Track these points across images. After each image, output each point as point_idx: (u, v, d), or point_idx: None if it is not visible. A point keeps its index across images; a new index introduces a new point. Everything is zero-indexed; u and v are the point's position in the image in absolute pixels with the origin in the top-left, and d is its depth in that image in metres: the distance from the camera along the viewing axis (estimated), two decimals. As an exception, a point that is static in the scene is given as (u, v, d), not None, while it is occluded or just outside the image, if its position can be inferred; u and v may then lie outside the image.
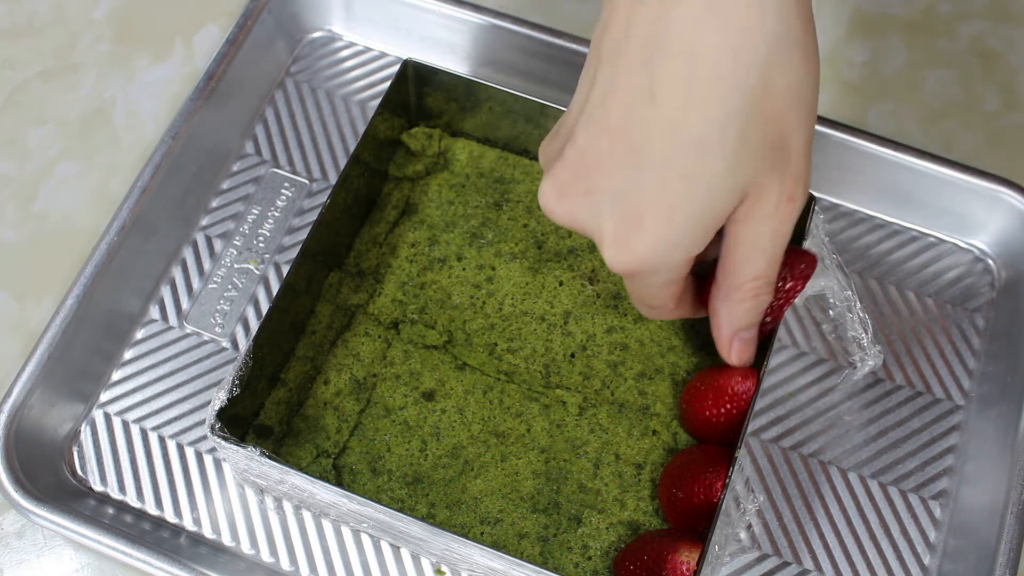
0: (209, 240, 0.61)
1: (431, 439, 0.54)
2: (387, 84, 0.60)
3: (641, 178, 0.39)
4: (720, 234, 0.43)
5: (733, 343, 0.46)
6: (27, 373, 0.54)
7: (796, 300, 0.59)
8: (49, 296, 0.60)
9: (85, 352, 0.56)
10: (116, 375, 0.57)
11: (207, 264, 0.60)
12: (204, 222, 0.61)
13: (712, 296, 0.46)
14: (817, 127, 0.61)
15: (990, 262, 0.61)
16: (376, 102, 0.64)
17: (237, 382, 0.50)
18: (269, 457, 0.48)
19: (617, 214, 0.40)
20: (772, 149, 0.39)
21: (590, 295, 0.58)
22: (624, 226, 0.40)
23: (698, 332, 0.57)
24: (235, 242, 0.61)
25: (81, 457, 0.55)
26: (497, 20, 0.64)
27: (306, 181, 0.63)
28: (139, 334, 0.58)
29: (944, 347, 0.59)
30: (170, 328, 0.59)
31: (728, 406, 0.51)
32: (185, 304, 0.59)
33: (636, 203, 0.39)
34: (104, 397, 0.57)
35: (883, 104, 0.67)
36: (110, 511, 0.54)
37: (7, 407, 0.53)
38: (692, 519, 0.50)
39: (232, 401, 0.49)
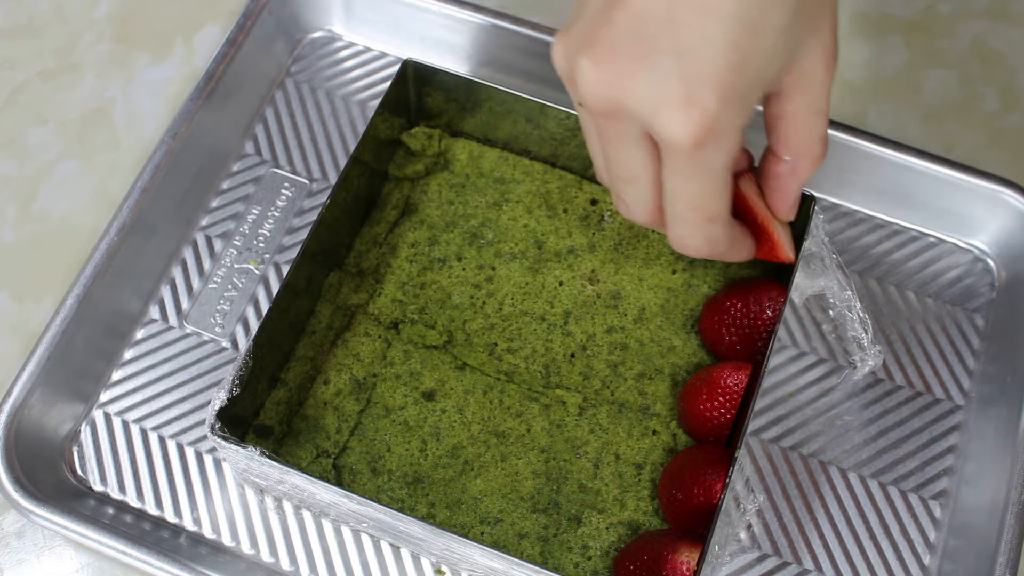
0: (209, 240, 0.61)
1: (431, 439, 0.54)
2: (387, 84, 0.60)
3: (710, 32, 0.38)
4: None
5: (797, 202, 0.48)
6: (27, 373, 0.54)
7: (796, 300, 0.59)
8: (49, 296, 0.60)
9: (85, 352, 0.56)
10: (116, 375, 0.57)
11: (207, 264, 0.60)
12: (204, 222, 0.61)
13: (775, 176, 0.46)
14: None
15: (990, 262, 0.61)
16: (376, 102, 0.64)
17: (237, 382, 0.50)
18: (269, 457, 0.48)
19: (685, 73, 0.39)
20: (818, 4, 0.40)
21: (590, 295, 0.58)
22: (695, 84, 0.39)
23: (698, 332, 0.57)
24: (235, 242, 0.61)
25: (81, 457, 0.55)
26: (497, 20, 0.64)
27: (306, 181, 0.63)
28: (139, 334, 0.58)
29: (944, 347, 0.59)
30: (170, 328, 0.59)
31: (722, 399, 0.51)
32: (185, 304, 0.59)
33: (706, 59, 0.39)
34: (104, 397, 0.57)
35: (883, 104, 0.67)
36: (110, 511, 0.54)
37: (7, 407, 0.53)
38: (692, 520, 0.50)
39: (232, 401, 0.49)
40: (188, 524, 0.54)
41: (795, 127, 0.44)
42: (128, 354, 0.58)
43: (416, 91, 0.60)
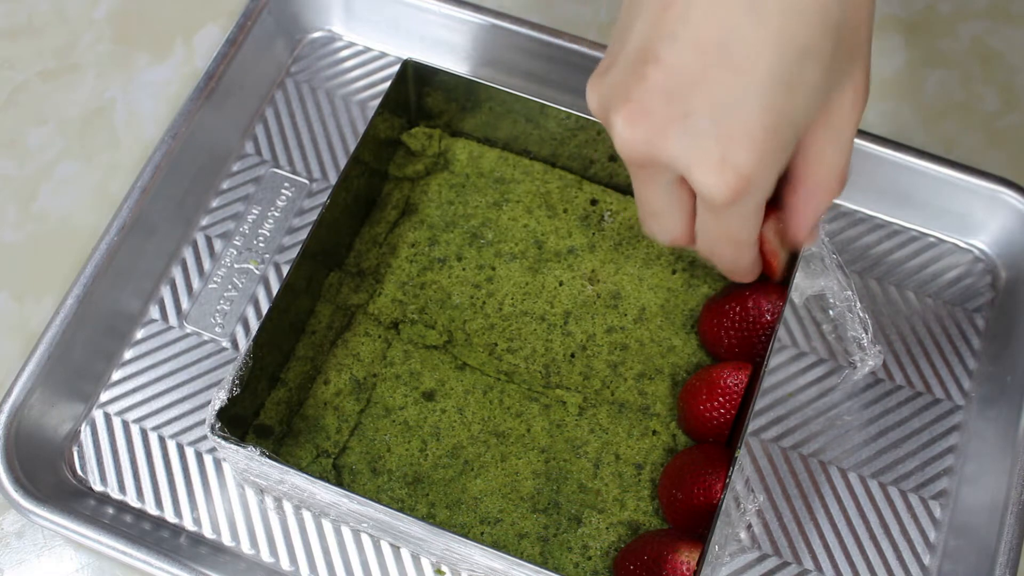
0: (209, 240, 0.61)
1: (431, 439, 0.54)
2: (387, 84, 0.60)
3: (747, 92, 0.38)
4: None
5: (812, 229, 0.47)
6: (27, 373, 0.54)
7: (796, 300, 0.59)
8: (49, 296, 0.60)
9: (85, 352, 0.56)
10: (116, 375, 0.57)
11: (207, 264, 0.60)
12: (204, 222, 0.61)
13: (791, 206, 0.46)
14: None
15: (990, 262, 0.61)
16: (376, 102, 0.64)
17: (237, 382, 0.50)
18: (269, 457, 0.48)
19: (721, 133, 0.38)
20: (852, 54, 0.40)
21: (590, 295, 0.58)
22: (730, 146, 0.39)
23: (697, 332, 0.57)
24: (235, 242, 0.61)
25: (81, 457, 0.55)
26: (497, 20, 0.64)
27: (306, 181, 0.63)
28: (139, 334, 0.58)
29: (944, 347, 0.59)
30: (170, 328, 0.59)
31: (722, 399, 0.51)
32: (185, 304, 0.59)
33: (741, 118, 0.38)
34: (104, 397, 0.57)
35: (883, 104, 0.67)
36: (110, 511, 0.54)
37: (7, 407, 0.53)
38: (692, 520, 0.50)
39: (232, 401, 0.49)
40: (188, 524, 0.54)
41: (819, 162, 0.43)
42: (128, 354, 0.58)
43: (416, 91, 0.60)
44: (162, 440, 0.56)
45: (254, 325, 0.58)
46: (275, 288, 0.59)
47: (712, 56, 0.38)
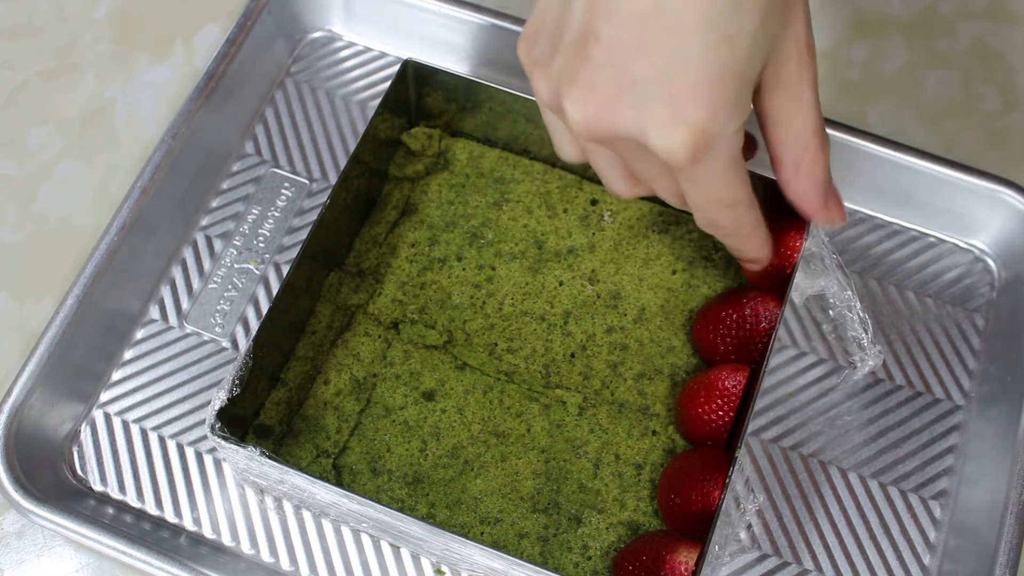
0: (209, 240, 0.61)
1: (431, 439, 0.54)
2: (387, 84, 0.60)
3: (687, 51, 0.38)
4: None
5: (829, 202, 0.47)
6: (27, 373, 0.54)
7: (796, 300, 0.59)
8: (49, 296, 0.60)
9: (85, 352, 0.56)
10: (116, 375, 0.57)
11: (207, 264, 0.60)
12: (204, 222, 0.61)
13: (785, 182, 0.46)
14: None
15: (990, 262, 0.61)
16: (376, 102, 0.64)
17: (237, 382, 0.50)
18: (269, 457, 0.48)
19: (668, 95, 0.39)
20: (787, 3, 0.41)
21: (590, 295, 0.58)
22: (680, 102, 0.39)
23: (691, 340, 0.57)
24: (235, 242, 0.61)
25: (81, 457, 0.55)
26: (497, 20, 0.64)
27: (306, 181, 0.63)
28: (139, 334, 0.58)
29: (944, 347, 0.59)
30: (170, 328, 0.59)
31: (719, 401, 0.51)
32: (185, 304, 0.59)
33: (686, 76, 0.39)
34: (104, 397, 0.57)
35: (883, 104, 0.67)
36: (110, 511, 0.54)
37: (7, 407, 0.53)
38: (691, 524, 0.50)
39: (232, 401, 0.49)
40: (188, 524, 0.54)
41: (781, 125, 0.44)
42: (128, 354, 0.58)
43: (416, 91, 0.60)
44: (162, 440, 0.56)
45: (254, 325, 0.58)
46: (275, 288, 0.59)
47: (648, 22, 0.39)
